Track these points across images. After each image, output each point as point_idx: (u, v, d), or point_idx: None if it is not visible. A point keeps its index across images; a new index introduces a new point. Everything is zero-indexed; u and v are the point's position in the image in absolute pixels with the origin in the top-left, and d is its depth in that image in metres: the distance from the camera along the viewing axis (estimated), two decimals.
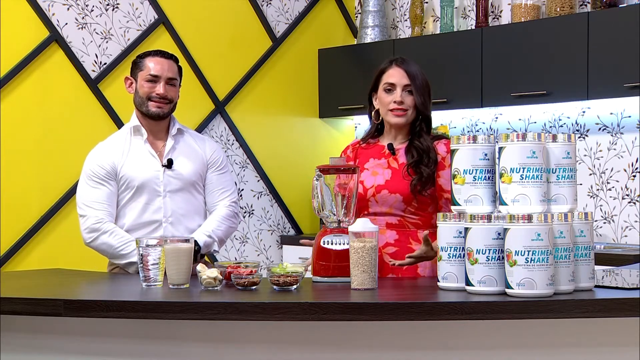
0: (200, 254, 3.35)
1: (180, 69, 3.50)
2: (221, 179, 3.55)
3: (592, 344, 2.54)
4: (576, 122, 4.96)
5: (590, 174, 4.90)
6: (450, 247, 2.66)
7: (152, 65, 3.41)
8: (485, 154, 2.66)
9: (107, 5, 4.93)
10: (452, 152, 2.70)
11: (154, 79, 3.40)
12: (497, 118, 5.28)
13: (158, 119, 3.44)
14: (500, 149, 2.59)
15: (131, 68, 3.49)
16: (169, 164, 3.43)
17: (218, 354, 2.67)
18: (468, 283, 2.57)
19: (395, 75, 3.25)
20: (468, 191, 2.66)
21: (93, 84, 4.87)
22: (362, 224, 2.74)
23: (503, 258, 2.52)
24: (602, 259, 4.04)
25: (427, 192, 3.21)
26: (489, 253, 2.54)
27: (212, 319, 2.53)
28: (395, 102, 3.23)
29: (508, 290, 2.50)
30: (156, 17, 5.12)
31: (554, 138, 2.64)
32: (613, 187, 4.83)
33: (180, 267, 2.84)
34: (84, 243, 3.40)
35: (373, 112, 3.33)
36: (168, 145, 3.47)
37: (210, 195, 3.53)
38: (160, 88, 3.40)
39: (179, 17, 5.20)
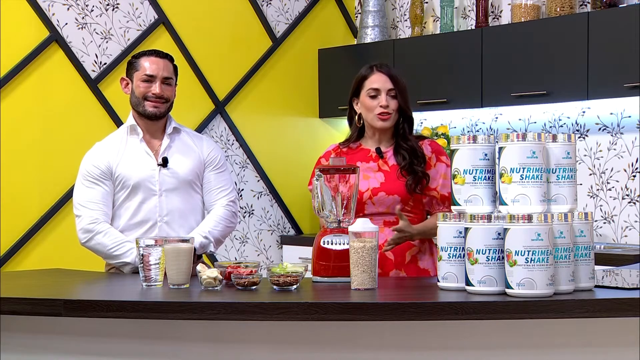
0: (197, 255, 3.34)
1: (175, 68, 3.49)
2: (219, 178, 3.55)
3: (592, 344, 2.54)
4: (576, 122, 4.96)
5: (590, 174, 4.90)
6: (450, 247, 2.66)
7: (148, 65, 3.41)
8: (485, 154, 2.66)
9: (107, 5, 4.93)
10: (452, 152, 2.71)
11: (150, 79, 3.40)
12: (497, 118, 5.28)
13: (155, 119, 3.44)
14: (500, 149, 2.59)
15: (126, 69, 3.48)
16: (164, 163, 3.43)
17: (218, 354, 2.67)
18: (468, 283, 2.57)
19: (378, 81, 3.34)
20: (468, 191, 2.66)
21: (93, 84, 4.87)
22: (362, 224, 2.74)
23: (503, 258, 2.52)
24: (602, 259, 4.04)
25: (420, 190, 3.30)
26: (489, 253, 2.54)
27: (212, 319, 2.53)
28: (381, 106, 3.31)
29: (508, 290, 2.50)
30: (156, 17, 5.12)
31: (554, 138, 2.64)
32: (613, 187, 4.83)
33: (180, 267, 2.84)
34: (80, 243, 3.40)
35: (356, 116, 3.41)
36: (164, 144, 3.46)
37: (208, 194, 3.53)
38: (156, 88, 3.39)
39: (179, 17, 5.20)
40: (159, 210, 3.42)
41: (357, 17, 5.96)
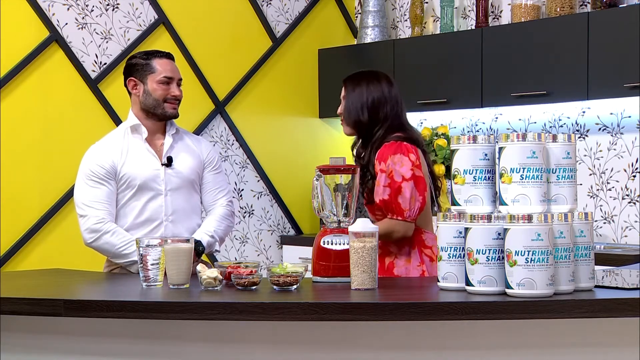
0: (197, 255, 3.35)
1: None
2: (217, 178, 3.58)
3: (592, 344, 2.54)
4: (576, 122, 4.96)
5: (590, 174, 4.90)
6: (450, 247, 2.65)
7: (165, 68, 3.43)
8: (485, 154, 2.66)
9: (107, 5, 4.93)
10: (452, 152, 2.71)
11: (169, 81, 3.43)
12: (497, 118, 5.29)
13: (170, 119, 3.48)
14: (500, 149, 2.59)
15: (135, 70, 3.45)
16: (169, 162, 3.44)
17: (218, 354, 2.67)
18: (468, 283, 2.57)
19: None
20: (468, 191, 2.66)
21: (93, 84, 4.87)
22: (362, 224, 2.74)
23: (503, 258, 2.52)
24: (602, 259, 4.04)
25: (368, 201, 3.30)
26: (489, 253, 2.54)
27: (212, 319, 2.53)
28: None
29: (508, 291, 2.50)
30: (156, 17, 5.12)
31: (554, 138, 2.64)
32: (613, 187, 4.83)
33: (180, 267, 2.84)
34: (85, 243, 3.39)
35: None
36: (167, 143, 3.47)
37: (207, 194, 3.55)
38: (175, 90, 3.44)
39: (179, 17, 5.20)
40: (165, 210, 3.43)
41: (357, 17, 5.96)
